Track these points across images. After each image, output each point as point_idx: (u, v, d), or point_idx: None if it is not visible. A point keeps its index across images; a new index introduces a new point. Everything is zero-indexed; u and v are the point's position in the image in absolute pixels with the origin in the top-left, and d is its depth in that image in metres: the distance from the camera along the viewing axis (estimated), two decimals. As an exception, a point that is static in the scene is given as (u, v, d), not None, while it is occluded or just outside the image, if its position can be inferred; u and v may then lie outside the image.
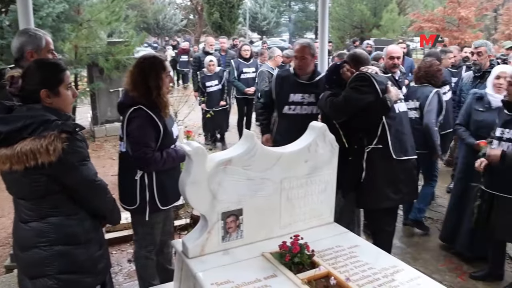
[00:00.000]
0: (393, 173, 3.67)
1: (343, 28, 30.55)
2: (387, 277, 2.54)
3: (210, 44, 9.59)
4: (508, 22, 24.96)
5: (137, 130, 3.06)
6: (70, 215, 2.43)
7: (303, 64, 4.31)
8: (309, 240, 2.69)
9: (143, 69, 3.13)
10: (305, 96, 4.32)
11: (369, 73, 3.66)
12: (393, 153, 3.63)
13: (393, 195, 3.72)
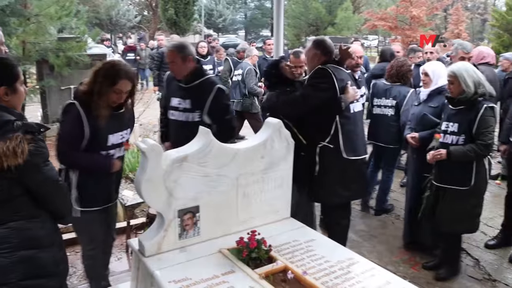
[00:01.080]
0: (343, 171, 3.75)
1: (298, 25, 30.85)
2: (343, 269, 2.59)
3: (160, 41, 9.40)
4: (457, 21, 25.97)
5: (64, 124, 3.07)
6: (32, 218, 2.32)
7: (174, 69, 3.84)
8: (266, 235, 2.71)
9: (97, 72, 3.05)
10: (181, 101, 3.87)
11: (329, 69, 3.67)
12: (343, 153, 3.70)
13: (342, 192, 3.81)
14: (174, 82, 3.92)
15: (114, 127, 3.17)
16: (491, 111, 3.62)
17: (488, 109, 3.60)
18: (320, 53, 3.77)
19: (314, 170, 3.74)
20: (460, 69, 3.69)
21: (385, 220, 5.47)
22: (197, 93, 3.77)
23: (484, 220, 5.23)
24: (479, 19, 41.90)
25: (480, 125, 3.60)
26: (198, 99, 3.75)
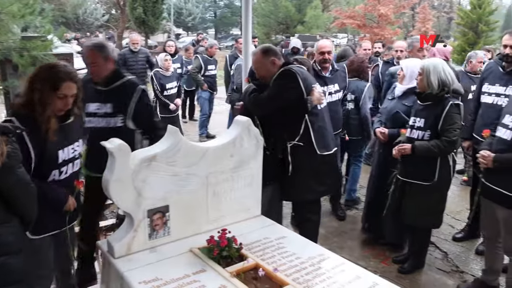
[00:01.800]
0: (317, 167, 3.78)
1: (268, 24, 30.92)
2: (313, 265, 2.61)
3: (132, 42, 8.72)
4: (424, 20, 26.50)
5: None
6: (3, 223, 2.25)
7: (94, 71, 3.50)
8: (237, 233, 2.71)
9: (33, 78, 2.64)
10: (100, 106, 3.51)
11: (294, 70, 3.67)
12: (317, 150, 3.73)
13: (318, 188, 3.84)
14: (89, 86, 3.45)
15: (64, 141, 2.77)
16: (456, 108, 3.70)
17: (453, 106, 3.67)
18: (275, 58, 3.74)
19: (287, 169, 3.74)
20: (429, 64, 3.76)
21: (355, 216, 5.54)
22: (118, 96, 3.47)
23: (452, 214, 5.36)
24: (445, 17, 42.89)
25: (446, 121, 3.67)
26: (120, 102, 3.47)
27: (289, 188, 3.83)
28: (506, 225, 3.46)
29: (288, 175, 3.75)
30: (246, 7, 4.74)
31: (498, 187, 3.40)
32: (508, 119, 3.41)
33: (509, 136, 3.35)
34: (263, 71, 3.76)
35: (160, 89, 7.23)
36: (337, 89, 5.00)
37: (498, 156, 3.34)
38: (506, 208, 3.39)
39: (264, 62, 3.73)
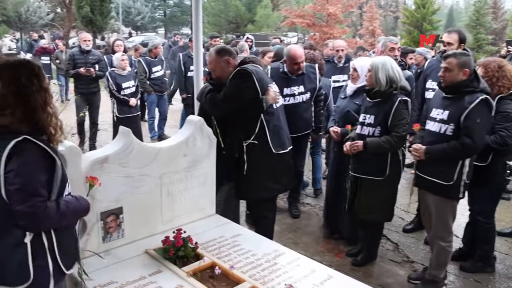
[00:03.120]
0: (273, 165, 3.80)
1: (218, 23, 30.92)
2: (269, 261, 2.66)
3: (84, 40, 8.12)
4: (371, 18, 27.10)
5: (23, 172, 1.94)
6: None
7: None
8: (192, 233, 2.72)
9: (15, 79, 2.03)
10: None
11: (250, 70, 3.66)
12: (272, 148, 3.76)
13: (273, 186, 3.88)
14: None
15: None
16: (404, 104, 3.83)
17: (401, 102, 3.80)
18: (229, 57, 3.73)
19: (243, 168, 3.75)
20: (378, 62, 3.87)
21: (310, 212, 5.63)
22: None
23: (402, 207, 5.54)
24: (392, 16, 44.19)
25: (395, 117, 3.79)
26: None
27: (245, 187, 3.84)
28: (437, 212, 3.66)
29: (243, 174, 3.77)
30: (196, 6, 4.71)
31: (428, 176, 3.60)
32: (434, 112, 3.61)
33: (437, 129, 3.54)
34: (219, 71, 3.74)
35: (117, 89, 7.01)
36: (302, 91, 4.96)
37: (428, 148, 3.53)
38: (434, 195, 3.61)
39: (219, 62, 3.72)
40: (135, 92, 7.28)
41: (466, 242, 4.42)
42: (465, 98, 3.41)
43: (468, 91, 3.44)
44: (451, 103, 3.49)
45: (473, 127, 3.37)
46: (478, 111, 3.37)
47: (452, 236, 3.77)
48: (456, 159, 3.48)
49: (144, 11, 45.72)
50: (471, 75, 3.47)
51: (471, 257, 4.28)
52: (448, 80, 3.51)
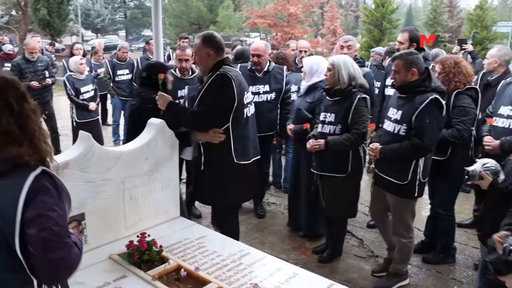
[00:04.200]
0: (234, 176, 3.60)
1: (180, 24, 30.70)
2: (235, 261, 2.67)
3: (30, 51, 7.39)
4: (332, 18, 27.49)
5: (54, 213, 1.57)
6: None
7: None
8: (157, 236, 2.70)
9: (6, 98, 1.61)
10: None
11: (230, 75, 3.41)
12: (234, 158, 3.54)
13: (237, 196, 3.79)
14: None
15: None
16: (364, 101, 3.90)
17: (361, 100, 3.87)
18: (213, 52, 3.45)
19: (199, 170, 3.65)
20: (339, 60, 3.93)
21: (275, 211, 5.67)
22: None
23: (366, 203, 5.64)
24: (353, 15, 44.90)
25: (355, 115, 3.86)
26: None
27: (202, 191, 3.70)
28: (395, 210, 3.76)
29: (201, 178, 3.60)
30: (156, 8, 4.68)
31: (385, 175, 3.68)
32: (391, 112, 3.68)
33: (391, 129, 3.61)
34: (198, 59, 3.57)
35: (75, 94, 6.77)
36: (267, 90, 4.97)
37: (383, 148, 3.60)
38: (393, 195, 3.69)
39: (201, 50, 3.48)
40: (94, 96, 7.09)
41: (428, 235, 4.55)
42: (416, 98, 3.47)
43: (420, 90, 3.48)
44: (404, 103, 3.55)
45: (423, 127, 3.42)
46: (428, 111, 3.42)
47: (412, 232, 3.86)
48: (409, 159, 3.54)
49: (104, 13, 44.93)
50: (423, 74, 3.51)
51: (433, 249, 4.41)
52: (399, 81, 3.58)
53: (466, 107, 3.86)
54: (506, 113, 3.49)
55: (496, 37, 25.76)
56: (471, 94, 3.92)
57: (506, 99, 3.58)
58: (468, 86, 3.93)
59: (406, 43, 4.71)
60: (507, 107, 3.51)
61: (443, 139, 3.84)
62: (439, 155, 3.96)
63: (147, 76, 3.85)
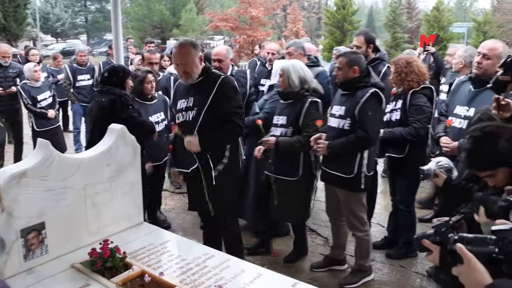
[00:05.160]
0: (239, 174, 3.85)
1: (143, 28, 30.40)
2: (199, 265, 2.67)
3: (3, 55, 7.13)
4: (295, 20, 27.80)
5: None
6: None
7: None
8: (120, 243, 2.68)
9: None
10: None
11: (232, 79, 3.60)
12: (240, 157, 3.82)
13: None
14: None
15: None
16: (315, 105, 3.98)
17: (312, 103, 3.95)
18: (202, 56, 3.49)
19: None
20: (288, 65, 4.01)
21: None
22: None
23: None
24: (315, 17, 45.45)
25: (306, 118, 3.93)
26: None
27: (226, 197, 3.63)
28: (345, 204, 3.87)
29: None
30: (115, 11, 4.63)
31: (334, 171, 3.79)
32: (335, 109, 3.83)
33: (336, 124, 3.75)
34: (193, 65, 3.40)
35: (32, 102, 6.56)
36: None
37: (330, 143, 3.71)
38: (343, 189, 3.81)
39: (195, 56, 3.41)
40: (53, 103, 6.89)
41: (391, 231, 4.67)
42: (358, 93, 3.65)
43: (360, 86, 3.67)
44: (347, 99, 3.71)
45: (366, 119, 3.59)
46: (369, 104, 3.60)
47: (367, 225, 3.98)
48: (355, 152, 3.69)
49: (64, 17, 44.02)
50: (363, 72, 3.71)
51: (396, 245, 4.53)
52: (341, 78, 3.76)
53: (422, 105, 3.99)
54: (463, 114, 3.58)
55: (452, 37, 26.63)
56: (427, 93, 4.05)
57: (462, 98, 3.69)
58: (423, 85, 4.06)
59: (364, 46, 4.80)
60: (464, 107, 3.60)
61: (400, 137, 3.99)
62: (398, 153, 4.10)
63: (108, 77, 4.01)
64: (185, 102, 3.49)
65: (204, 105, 3.36)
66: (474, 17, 30.80)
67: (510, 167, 2.06)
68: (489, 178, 2.15)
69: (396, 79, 4.09)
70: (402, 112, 4.07)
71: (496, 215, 1.92)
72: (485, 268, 1.43)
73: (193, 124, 3.40)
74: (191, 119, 3.43)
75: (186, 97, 3.50)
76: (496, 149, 2.06)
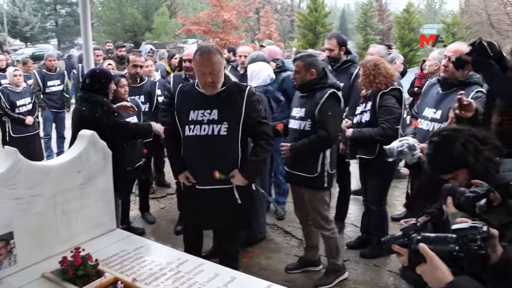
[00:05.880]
0: None
1: (115, 32, 30.10)
2: (173, 270, 2.65)
3: None
4: (267, 23, 27.93)
5: None
6: None
7: None
8: (92, 250, 2.65)
9: None
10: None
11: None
12: None
13: None
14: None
15: None
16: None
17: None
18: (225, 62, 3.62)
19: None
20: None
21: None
22: None
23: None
24: (288, 20, 45.68)
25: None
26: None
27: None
28: (310, 203, 3.93)
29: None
30: (84, 15, 4.56)
31: (295, 171, 3.87)
32: (295, 111, 3.91)
33: (297, 126, 3.83)
34: (219, 72, 3.21)
35: (10, 107, 6.53)
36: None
37: (293, 145, 3.79)
38: (308, 188, 3.88)
39: (222, 64, 3.25)
40: (33, 109, 6.84)
41: (364, 231, 4.73)
42: (317, 94, 3.73)
43: (318, 87, 3.74)
44: (306, 101, 3.79)
45: (326, 119, 3.67)
46: (328, 104, 3.69)
47: (332, 224, 4.03)
48: (317, 152, 3.77)
49: (33, 21, 43.14)
50: (320, 73, 3.78)
51: (369, 244, 4.59)
52: (299, 80, 3.82)
53: (390, 107, 4.07)
54: (430, 116, 3.65)
55: (423, 39, 27.01)
56: (395, 94, 4.14)
57: (430, 100, 3.76)
58: (392, 87, 4.14)
59: (336, 49, 4.84)
60: (431, 109, 3.67)
61: (369, 137, 4.08)
62: (368, 154, 4.18)
63: (90, 83, 3.86)
64: (204, 115, 3.22)
65: (239, 118, 3.20)
66: (443, 19, 31.45)
67: (468, 168, 2.13)
68: (452, 180, 2.21)
69: (364, 81, 4.18)
70: (372, 114, 4.15)
71: (462, 206, 1.99)
72: (446, 266, 1.48)
73: (226, 141, 3.22)
74: (219, 133, 3.20)
75: (204, 108, 3.23)
76: (452, 153, 2.14)
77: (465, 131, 2.22)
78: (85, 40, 4.61)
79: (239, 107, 3.19)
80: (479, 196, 1.93)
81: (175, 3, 36.21)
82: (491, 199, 1.96)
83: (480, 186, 1.99)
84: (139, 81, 5.43)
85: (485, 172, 2.12)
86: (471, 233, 1.49)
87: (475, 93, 3.37)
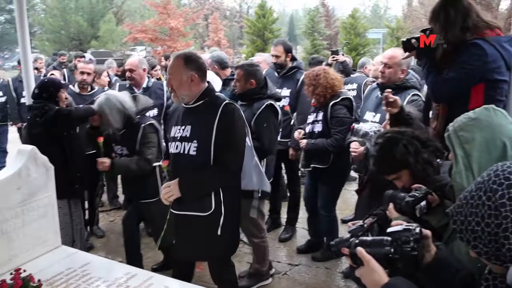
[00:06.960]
0: None
1: (59, 40, 29.23)
2: (121, 285, 2.58)
3: None
4: (216, 30, 27.92)
5: None
6: None
7: None
8: (35, 270, 2.54)
9: None
10: None
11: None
12: None
13: None
14: None
15: None
16: (151, 127, 3.91)
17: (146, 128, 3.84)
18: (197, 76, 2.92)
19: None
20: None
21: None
22: None
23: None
24: (237, 26, 45.81)
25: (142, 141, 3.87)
26: None
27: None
28: (245, 213, 3.75)
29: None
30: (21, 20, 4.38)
31: None
32: None
33: None
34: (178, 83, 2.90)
35: None
36: None
37: None
38: (243, 198, 3.68)
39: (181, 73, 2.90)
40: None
41: (313, 234, 4.81)
42: (254, 105, 3.79)
43: (257, 97, 3.80)
44: (245, 109, 3.72)
45: (261, 131, 3.72)
46: (264, 116, 3.75)
47: (264, 232, 4.09)
48: None
49: (-30, 29, 41.22)
50: (259, 83, 3.83)
51: (320, 247, 4.66)
52: (239, 89, 3.89)
53: (342, 117, 4.14)
54: (370, 119, 3.76)
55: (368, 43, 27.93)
56: (346, 104, 4.22)
57: (370, 105, 3.86)
58: (343, 96, 4.21)
59: (283, 55, 4.91)
60: (371, 113, 3.78)
61: (323, 148, 4.14)
62: (322, 164, 4.25)
63: (39, 92, 3.91)
64: (180, 131, 2.95)
65: (209, 136, 2.84)
66: (388, 24, 32.51)
67: (410, 169, 2.21)
68: (396, 181, 2.28)
69: (307, 90, 4.26)
70: (324, 124, 4.21)
71: (403, 210, 2.05)
72: (383, 268, 1.53)
73: (196, 161, 2.88)
74: (188, 152, 2.89)
75: (182, 123, 2.97)
76: (395, 154, 2.21)
77: (407, 133, 2.30)
78: (23, 49, 4.44)
79: (210, 124, 2.83)
80: (417, 200, 2.00)
81: (121, 10, 35.62)
82: (429, 201, 2.03)
83: (419, 189, 2.06)
84: (90, 90, 5.29)
85: (424, 174, 2.20)
86: (404, 235, 1.55)
87: (411, 96, 3.52)
